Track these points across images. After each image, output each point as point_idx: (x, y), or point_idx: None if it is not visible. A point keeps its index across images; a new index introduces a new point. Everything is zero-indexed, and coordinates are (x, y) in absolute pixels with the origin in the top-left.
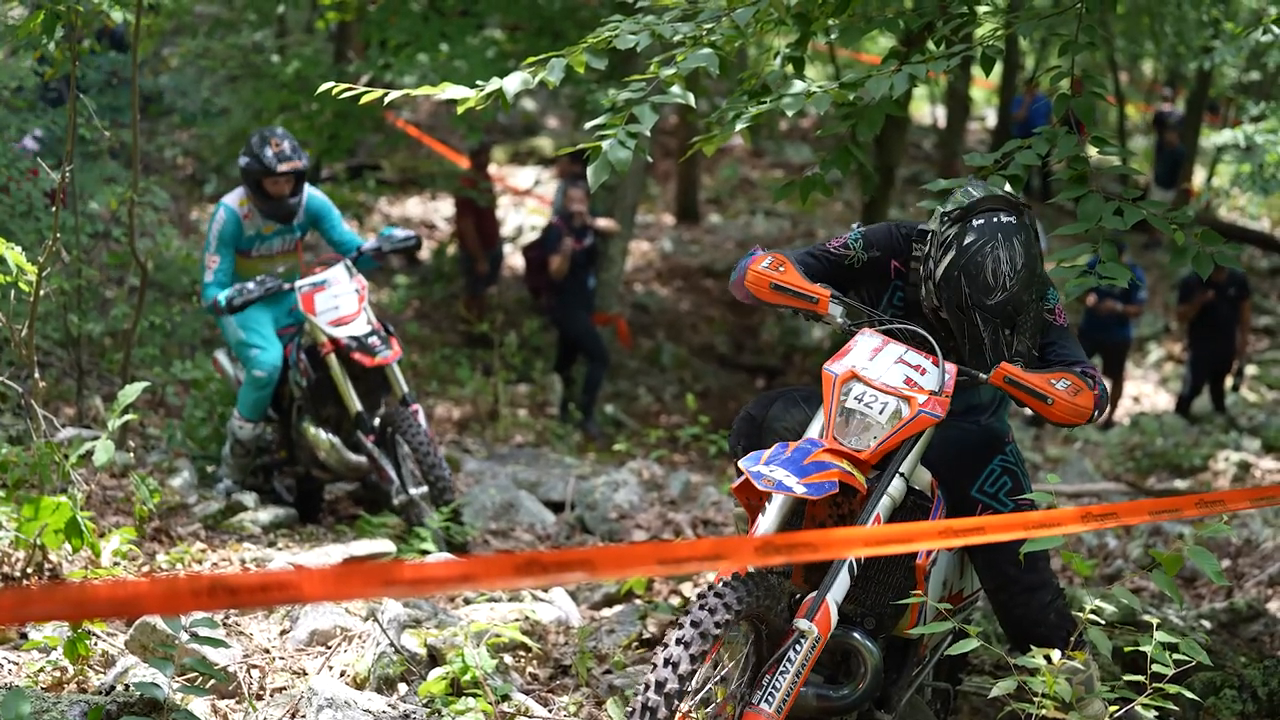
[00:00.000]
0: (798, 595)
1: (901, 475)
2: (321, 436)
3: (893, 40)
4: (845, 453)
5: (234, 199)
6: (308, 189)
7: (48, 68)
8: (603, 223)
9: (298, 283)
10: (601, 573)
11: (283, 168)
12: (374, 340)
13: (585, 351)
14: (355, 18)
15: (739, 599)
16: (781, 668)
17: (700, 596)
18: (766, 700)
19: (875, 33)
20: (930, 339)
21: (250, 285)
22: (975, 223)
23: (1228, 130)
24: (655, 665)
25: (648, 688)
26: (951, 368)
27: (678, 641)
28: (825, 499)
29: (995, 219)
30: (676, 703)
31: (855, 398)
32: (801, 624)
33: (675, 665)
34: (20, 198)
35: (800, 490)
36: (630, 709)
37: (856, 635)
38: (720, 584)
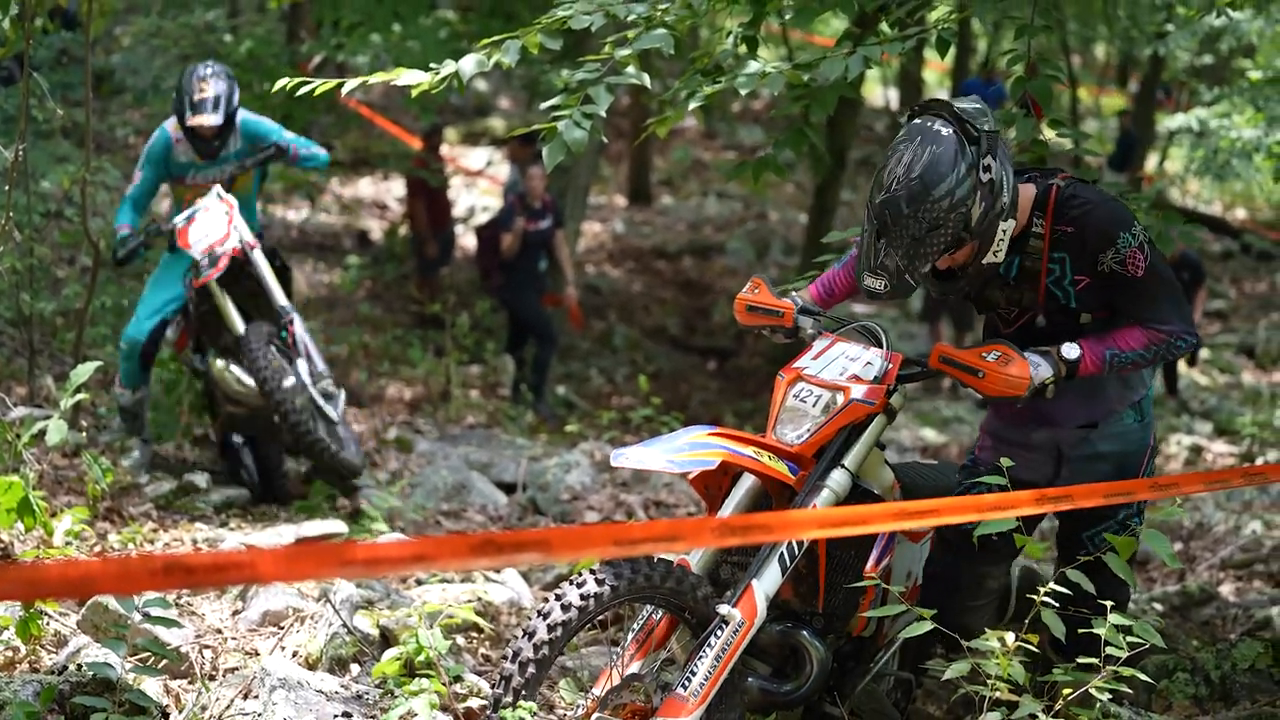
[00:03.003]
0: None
1: (844, 468)
2: (218, 365)
3: (846, 22)
4: (773, 446)
5: (171, 123)
6: (242, 115)
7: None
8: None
9: (175, 220)
10: (557, 554)
11: (195, 120)
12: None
13: (533, 332)
14: None
15: (616, 575)
16: (701, 652)
17: (577, 574)
18: (683, 684)
19: (829, 14)
20: (880, 332)
21: (130, 237)
22: (910, 122)
23: (1180, 114)
24: (515, 637)
25: (504, 658)
26: (896, 356)
27: (538, 613)
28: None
29: (925, 123)
30: (532, 670)
31: (794, 395)
32: (722, 608)
33: (531, 635)
34: None
35: (661, 465)
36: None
37: (804, 633)
38: (600, 563)
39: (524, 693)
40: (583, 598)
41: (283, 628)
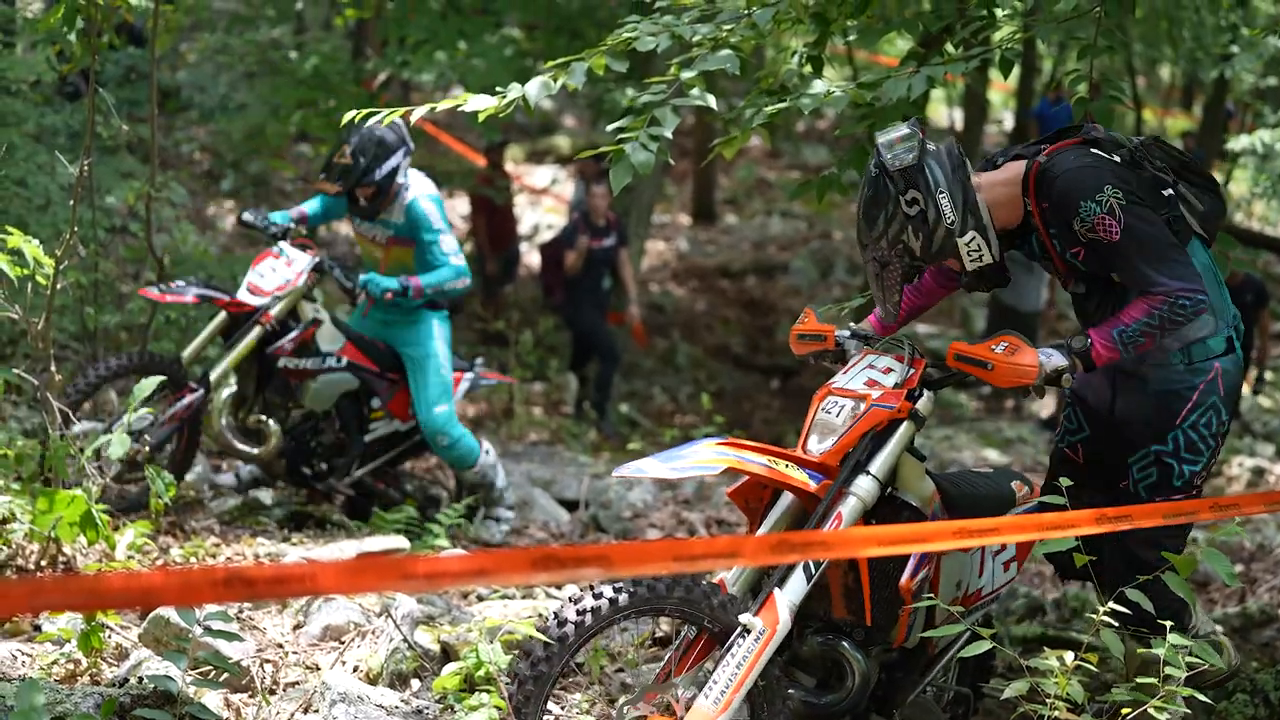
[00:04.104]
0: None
1: (870, 475)
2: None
3: (911, 42)
4: (793, 456)
5: None
6: (415, 195)
7: (66, 62)
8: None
9: (277, 230)
10: (617, 568)
11: (325, 187)
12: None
13: (596, 350)
14: (373, 15)
15: (615, 589)
16: (724, 662)
17: (578, 591)
18: (704, 693)
19: (893, 34)
20: (906, 344)
21: (267, 217)
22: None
23: (1244, 136)
24: (517, 657)
25: (507, 678)
26: (919, 362)
27: (538, 629)
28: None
29: (870, 158)
30: (531, 687)
31: (823, 409)
32: (744, 618)
33: (528, 654)
34: (38, 191)
35: (661, 473)
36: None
37: (845, 645)
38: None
39: (524, 711)
40: (579, 613)
41: (343, 642)
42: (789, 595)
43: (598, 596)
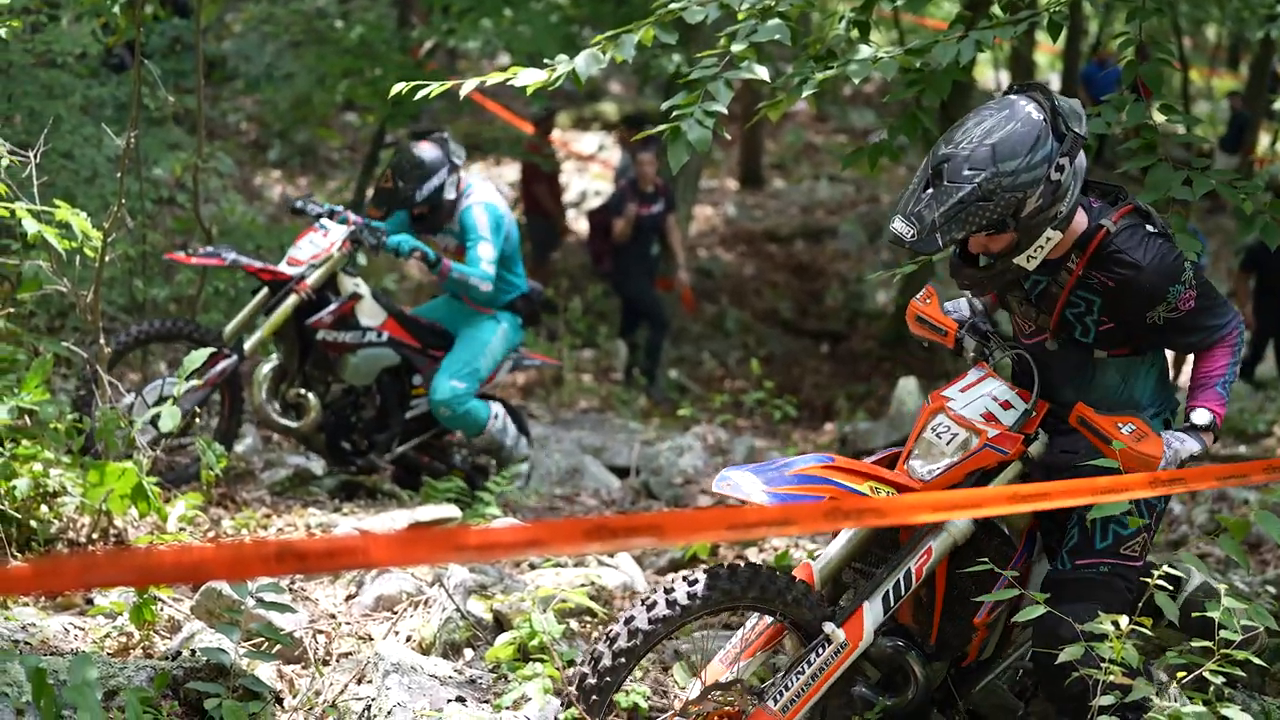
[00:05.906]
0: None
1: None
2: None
3: (958, 5)
4: (895, 481)
5: None
6: (471, 202)
7: (111, 35)
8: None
9: (320, 213)
10: (670, 538)
11: (371, 213)
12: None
13: (645, 317)
14: None
15: (690, 595)
16: (799, 668)
17: (671, 579)
18: (774, 698)
19: None
20: (1035, 372)
21: (314, 202)
22: (1005, 95)
23: None
24: (580, 660)
25: (567, 681)
26: (1042, 405)
27: (607, 637)
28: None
29: (1020, 101)
30: (607, 678)
31: (932, 428)
32: (827, 627)
33: (596, 661)
34: (85, 164)
35: (759, 498)
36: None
37: (912, 655)
38: (695, 571)
39: (591, 715)
40: (651, 621)
41: (396, 612)
42: (874, 613)
43: (671, 605)
